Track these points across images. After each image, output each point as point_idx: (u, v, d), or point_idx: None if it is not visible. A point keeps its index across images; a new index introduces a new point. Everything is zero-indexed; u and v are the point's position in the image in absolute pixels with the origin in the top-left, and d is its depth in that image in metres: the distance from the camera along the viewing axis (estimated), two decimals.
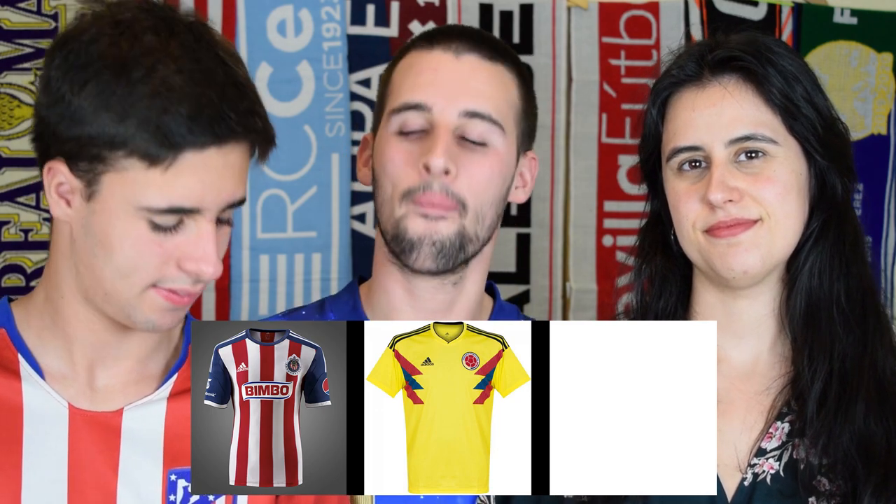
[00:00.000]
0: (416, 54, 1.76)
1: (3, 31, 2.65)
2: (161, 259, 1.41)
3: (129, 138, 1.36)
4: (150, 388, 1.52)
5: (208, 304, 2.75)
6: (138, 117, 1.36)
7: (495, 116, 1.72)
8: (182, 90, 1.37)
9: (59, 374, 1.49)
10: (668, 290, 1.71)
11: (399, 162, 1.71)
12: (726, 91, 1.61)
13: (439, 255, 1.70)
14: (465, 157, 1.70)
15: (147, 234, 1.40)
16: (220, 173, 1.41)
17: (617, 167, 2.94)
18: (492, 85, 1.74)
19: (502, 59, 1.76)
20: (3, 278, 2.67)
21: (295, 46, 2.80)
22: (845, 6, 3.06)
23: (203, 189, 1.40)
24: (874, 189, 2.98)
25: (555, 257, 2.94)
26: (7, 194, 2.66)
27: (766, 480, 1.57)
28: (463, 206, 1.70)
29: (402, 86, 1.75)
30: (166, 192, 1.38)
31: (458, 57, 1.73)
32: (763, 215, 1.59)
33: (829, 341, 1.60)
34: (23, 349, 1.49)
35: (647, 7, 2.98)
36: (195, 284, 1.44)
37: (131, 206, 1.39)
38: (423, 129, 1.71)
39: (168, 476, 1.49)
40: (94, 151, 1.38)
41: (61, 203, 1.43)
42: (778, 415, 1.61)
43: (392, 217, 1.72)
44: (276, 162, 2.78)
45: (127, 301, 1.43)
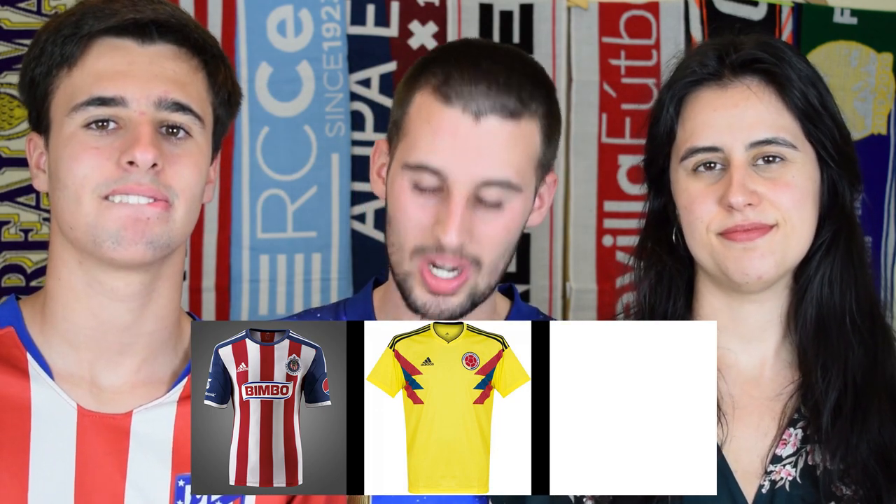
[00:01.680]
0: (434, 105, 1.64)
1: (3, 31, 2.65)
2: (103, 162, 1.44)
3: (48, 55, 1.46)
4: (160, 391, 1.52)
5: (208, 304, 2.75)
6: (48, 33, 1.48)
7: (514, 181, 1.65)
8: (92, 3, 1.48)
9: (67, 374, 1.49)
10: (669, 291, 1.70)
11: (414, 218, 1.65)
12: (750, 92, 1.59)
13: (449, 316, 1.67)
14: (479, 219, 1.65)
15: (85, 138, 1.44)
16: (145, 68, 1.47)
17: (617, 167, 2.94)
18: (512, 149, 1.64)
19: (526, 109, 1.65)
20: (3, 278, 2.67)
21: (295, 46, 2.80)
22: (845, 6, 3.06)
23: (124, 77, 1.45)
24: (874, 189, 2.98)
25: (555, 257, 2.94)
26: (7, 194, 2.66)
27: (786, 487, 1.57)
28: (477, 265, 1.67)
29: (418, 140, 1.65)
30: (86, 85, 1.45)
31: (477, 121, 1.62)
32: (780, 220, 1.58)
33: (842, 353, 1.59)
34: (31, 348, 1.49)
35: (647, 7, 2.98)
36: (146, 184, 1.45)
37: (64, 117, 1.45)
38: (438, 186, 1.64)
39: (176, 481, 1.49)
40: (39, 93, 1.48)
41: (40, 174, 1.52)
42: (790, 421, 1.60)
43: (401, 266, 1.68)
44: (276, 162, 2.81)
45: (88, 224, 1.44)
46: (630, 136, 2.93)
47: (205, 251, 2.77)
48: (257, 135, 2.77)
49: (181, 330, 1.56)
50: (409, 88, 1.69)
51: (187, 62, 1.49)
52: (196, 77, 1.50)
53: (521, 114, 1.64)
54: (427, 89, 1.65)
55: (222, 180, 2.74)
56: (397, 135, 1.70)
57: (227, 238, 2.78)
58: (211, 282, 2.77)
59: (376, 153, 1.78)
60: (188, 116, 1.47)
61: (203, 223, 2.74)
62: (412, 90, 1.68)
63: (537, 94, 1.67)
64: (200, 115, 1.49)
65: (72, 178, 1.44)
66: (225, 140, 1.62)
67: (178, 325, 1.56)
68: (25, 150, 1.54)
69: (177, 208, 1.46)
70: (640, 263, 1.71)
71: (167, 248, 1.47)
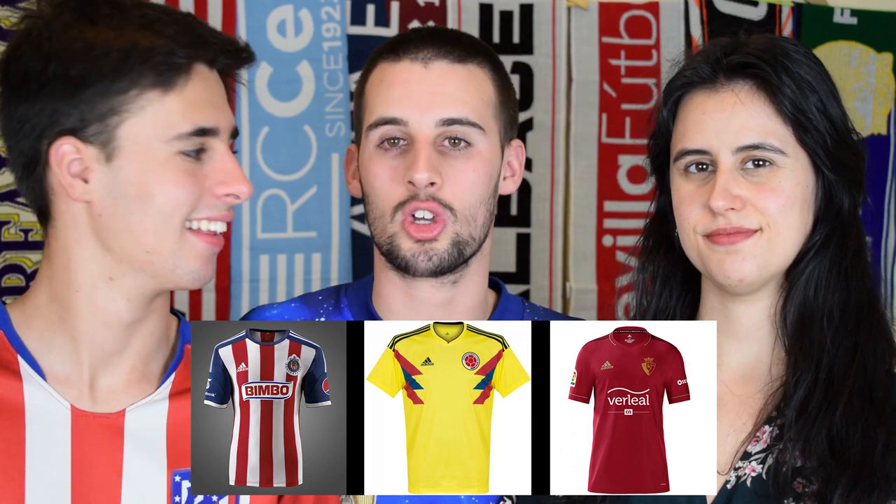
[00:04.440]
0: (384, 66, 1.77)
1: (2, 31, 2.65)
2: (197, 189, 1.45)
3: (137, 74, 1.41)
4: (151, 388, 1.52)
5: (208, 304, 2.75)
6: (138, 51, 1.42)
7: (473, 119, 1.74)
8: (161, 20, 1.44)
9: (62, 375, 1.49)
10: (671, 290, 1.70)
11: (385, 178, 1.74)
12: (738, 98, 1.60)
13: (437, 266, 1.74)
14: (448, 165, 1.73)
15: (181, 165, 1.44)
16: (221, 94, 1.48)
17: (617, 167, 2.94)
18: (464, 88, 1.74)
19: (472, 58, 1.77)
20: (3, 278, 2.67)
21: (295, 46, 2.80)
22: (845, 6, 3.06)
23: (216, 108, 1.46)
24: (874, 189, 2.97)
25: (555, 257, 2.94)
26: (7, 194, 2.66)
27: (747, 483, 1.57)
28: (451, 211, 1.73)
29: (375, 101, 1.77)
30: (189, 114, 1.43)
31: (426, 66, 1.74)
32: (763, 225, 1.58)
33: (815, 352, 1.59)
34: (22, 350, 1.48)
35: (647, 7, 2.98)
36: (229, 210, 1.49)
37: (160, 143, 1.43)
38: (403, 141, 1.74)
39: (172, 477, 1.49)
40: (104, 107, 1.41)
41: (77, 182, 1.44)
42: (767, 419, 1.61)
43: (385, 233, 1.75)
44: (276, 162, 2.81)
45: (171, 251, 1.45)
46: (630, 136, 2.92)
47: None
48: (257, 135, 2.77)
49: (168, 326, 1.56)
50: (363, 75, 1.82)
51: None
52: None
53: (466, 59, 1.76)
54: (377, 60, 1.80)
55: None
56: (359, 117, 1.81)
57: (227, 238, 2.78)
58: (211, 282, 2.77)
59: (348, 160, 1.88)
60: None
61: None
62: (366, 73, 1.81)
63: (481, 48, 1.81)
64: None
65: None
66: None
67: (166, 321, 1.56)
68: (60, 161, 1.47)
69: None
70: (641, 261, 1.72)
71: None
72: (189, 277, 1.47)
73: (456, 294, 1.78)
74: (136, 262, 1.45)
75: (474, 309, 1.81)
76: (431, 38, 1.78)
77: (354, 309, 1.84)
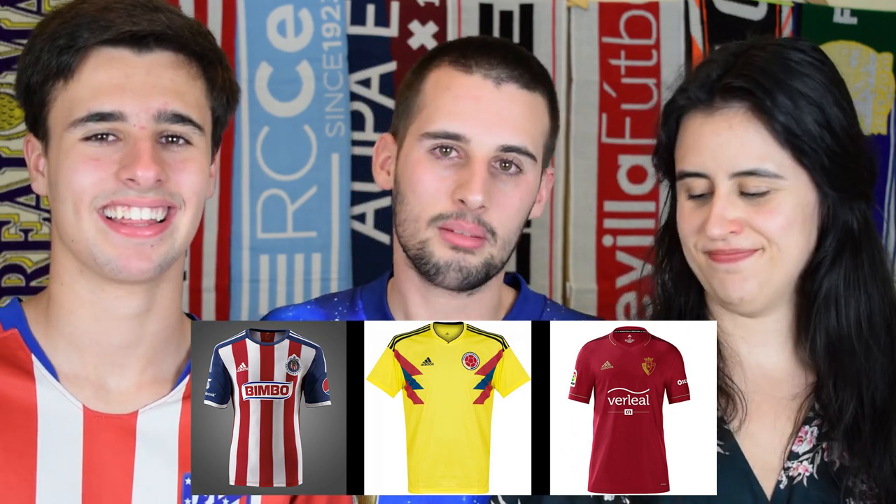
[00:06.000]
0: (453, 75, 1.72)
1: (2, 31, 2.65)
2: (102, 174, 1.43)
3: (45, 63, 1.45)
4: (164, 390, 1.52)
5: (208, 304, 2.76)
6: (44, 38, 1.45)
7: (530, 149, 1.71)
8: (72, 7, 1.46)
9: (72, 375, 1.49)
10: (686, 287, 1.69)
11: (432, 187, 1.70)
12: (731, 123, 1.58)
13: (464, 281, 1.72)
14: (497, 189, 1.70)
15: (84, 151, 1.44)
16: (142, 79, 1.45)
17: (617, 167, 2.94)
18: (528, 116, 1.72)
19: (538, 86, 1.74)
20: (3, 278, 2.67)
21: (295, 46, 2.80)
22: (845, 6, 3.06)
23: (124, 91, 1.44)
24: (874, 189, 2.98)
25: (555, 257, 2.94)
26: (7, 194, 2.66)
27: (803, 483, 1.58)
28: (493, 235, 1.71)
29: (438, 109, 1.71)
30: (83, 99, 1.44)
31: (498, 87, 1.70)
32: (764, 245, 1.58)
33: (853, 373, 1.59)
34: (36, 349, 1.49)
35: (647, 7, 2.98)
36: (156, 197, 1.45)
37: (63, 131, 1.44)
38: (456, 153, 1.70)
39: (183, 480, 1.49)
40: (37, 99, 1.47)
41: (38, 177, 1.51)
42: (805, 419, 1.61)
43: (416, 237, 1.72)
44: (276, 162, 2.81)
45: (90, 241, 1.44)
46: (630, 136, 2.92)
47: (205, 251, 2.77)
48: (257, 135, 2.77)
49: (183, 328, 1.56)
50: (421, 70, 1.76)
51: (185, 69, 1.48)
52: (195, 85, 1.49)
53: (534, 87, 1.73)
54: (444, 64, 1.73)
55: (222, 180, 2.74)
56: (409, 115, 1.75)
57: (227, 238, 2.78)
58: (211, 282, 2.77)
59: (380, 147, 1.82)
60: (188, 127, 1.46)
61: (203, 223, 2.74)
62: (426, 71, 1.75)
63: (546, 77, 1.77)
64: (200, 125, 1.48)
65: (70, 190, 1.44)
66: (225, 140, 1.62)
67: (181, 324, 1.56)
68: (23, 151, 1.54)
69: (183, 214, 1.47)
70: (659, 257, 1.71)
71: (172, 261, 1.49)
72: (109, 268, 1.45)
73: (470, 302, 1.77)
74: (75, 253, 1.47)
75: (487, 315, 1.80)
76: (504, 55, 1.73)
77: (370, 310, 1.83)
